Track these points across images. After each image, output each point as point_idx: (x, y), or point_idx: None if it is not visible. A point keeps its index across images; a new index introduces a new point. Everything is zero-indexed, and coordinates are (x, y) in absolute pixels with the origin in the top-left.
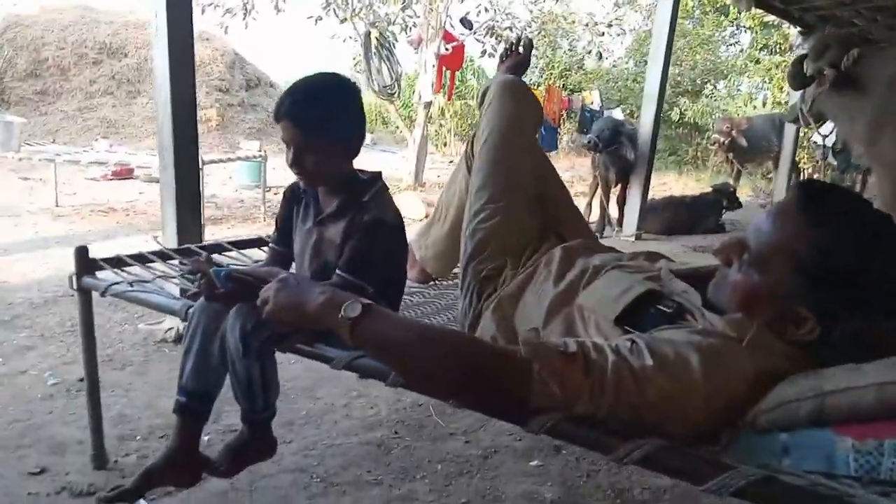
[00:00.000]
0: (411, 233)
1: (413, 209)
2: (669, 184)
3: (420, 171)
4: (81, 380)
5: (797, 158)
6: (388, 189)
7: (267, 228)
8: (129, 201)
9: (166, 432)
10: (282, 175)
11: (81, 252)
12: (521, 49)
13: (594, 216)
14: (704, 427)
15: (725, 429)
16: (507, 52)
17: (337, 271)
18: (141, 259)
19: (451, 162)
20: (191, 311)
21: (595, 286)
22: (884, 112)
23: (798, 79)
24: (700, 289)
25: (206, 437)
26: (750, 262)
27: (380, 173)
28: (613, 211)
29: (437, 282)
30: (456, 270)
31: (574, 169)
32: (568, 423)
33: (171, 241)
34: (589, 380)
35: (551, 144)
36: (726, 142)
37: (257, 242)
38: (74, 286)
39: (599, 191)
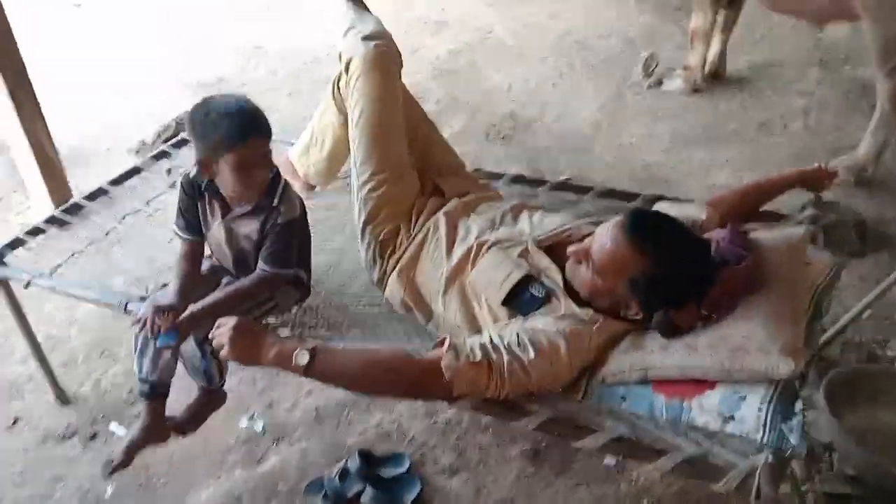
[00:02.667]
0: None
1: None
2: None
3: None
4: None
5: None
6: (289, 185)
7: None
8: None
9: (104, 348)
10: None
11: None
12: None
13: None
14: (569, 383)
15: (582, 380)
16: None
17: (262, 266)
18: (38, 231)
19: None
20: (139, 316)
21: (481, 267)
22: None
23: None
24: (558, 261)
25: None
26: (594, 268)
27: (277, 169)
28: None
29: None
30: (338, 181)
31: None
32: (482, 403)
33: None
34: (493, 377)
35: None
36: None
37: (133, 172)
38: None
39: None
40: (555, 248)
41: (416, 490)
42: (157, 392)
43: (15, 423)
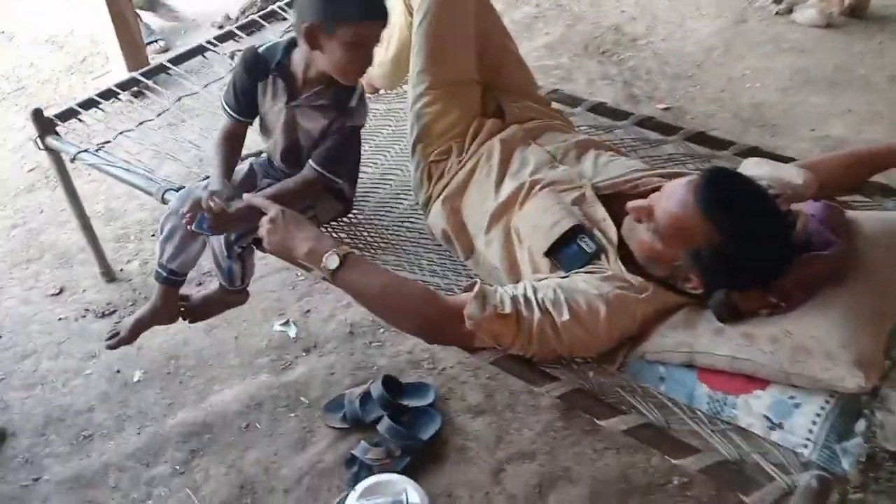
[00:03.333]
0: None
1: None
2: None
3: None
4: None
5: None
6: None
7: None
8: None
9: (154, 228)
10: None
11: (37, 115)
12: None
13: None
14: (605, 351)
15: (621, 351)
16: None
17: (314, 164)
18: (92, 104)
19: None
20: (170, 204)
21: (530, 208)
22: None
23: None
24: (616, 214)
25: None
26: (655, 231)
27: None
28: None
29: (383, 92)
30: (404, 87)
31: None
32: (503, 359)
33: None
34: (520, 334)
35: None
36: None
37: (199, 51)
38: (41, 147)
39: None
40: (615, 199)
41: (435, 426)
42: (172, 280)
43: (60, 292)
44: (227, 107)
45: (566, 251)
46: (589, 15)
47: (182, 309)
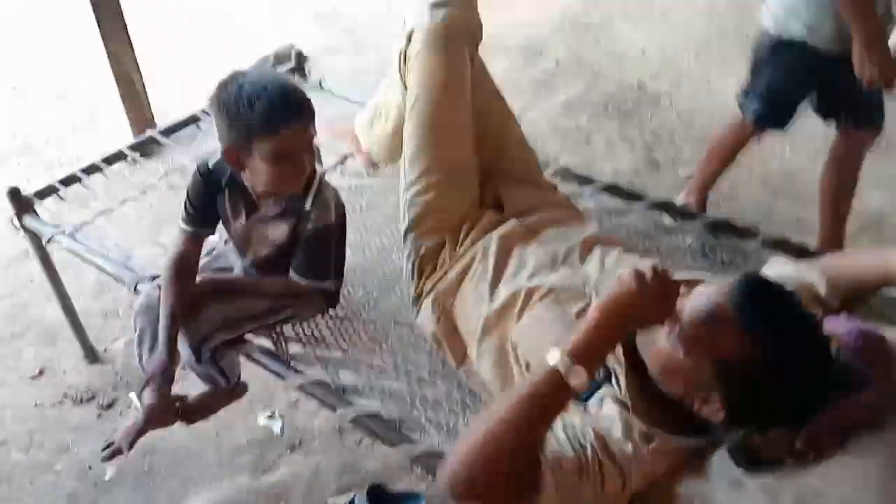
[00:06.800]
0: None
1: None
2: None
3: None
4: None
5: None
6: (326, 185)
7: None
8: None
9: None
10: None
11: (14, 193)
12: None
13: None
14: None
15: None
16: None
17: (296, 276)
18: (73, 180)
19: None
20: (137, 302)
21: (527, 325)
22: None
23: None
24: None
25: None
26: (678, 338)
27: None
28: None
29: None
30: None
31: None
32: None
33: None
34: None
35: None
36: None
37: (191, 121)
38: (17, 227)
39: None
40: None
41: None
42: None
43: (40, 374)
44: (184, 224)
45: None
46: (611, 72)
47: (179, 412)
